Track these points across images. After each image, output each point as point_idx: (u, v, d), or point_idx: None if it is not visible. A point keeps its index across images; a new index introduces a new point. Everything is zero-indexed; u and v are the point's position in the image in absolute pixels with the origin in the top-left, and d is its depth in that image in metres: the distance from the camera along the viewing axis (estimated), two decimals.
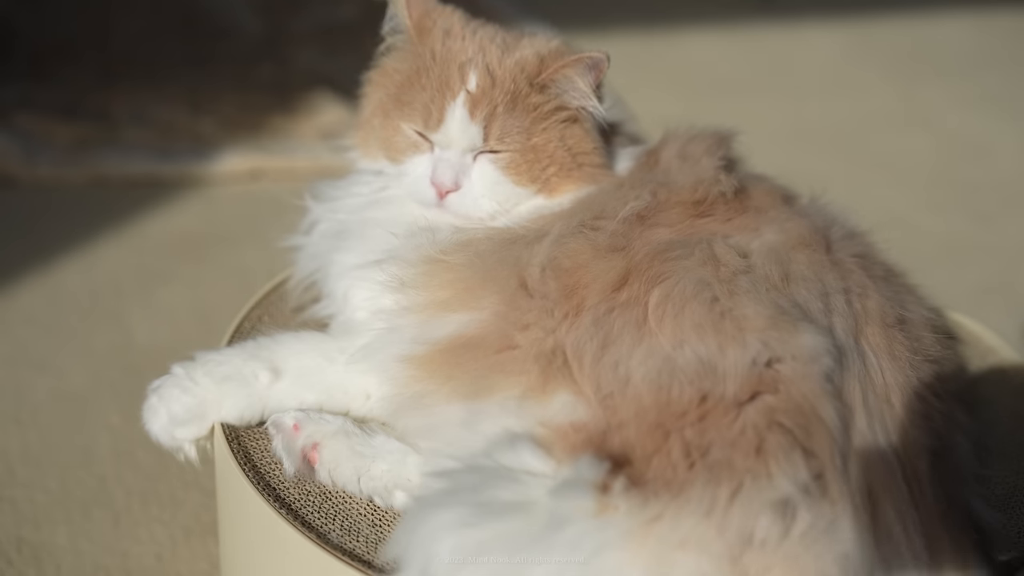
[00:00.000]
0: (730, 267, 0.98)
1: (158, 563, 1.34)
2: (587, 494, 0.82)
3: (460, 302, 1.00)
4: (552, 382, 0.93)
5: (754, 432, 0.85)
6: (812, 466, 0.84)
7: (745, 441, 0.85)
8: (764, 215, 1.07)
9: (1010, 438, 1.13)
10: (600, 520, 0.81)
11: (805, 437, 0.85)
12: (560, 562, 0.80)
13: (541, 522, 0.82)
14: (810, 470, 0.83)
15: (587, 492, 0.83)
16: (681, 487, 0.83)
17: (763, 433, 0.85)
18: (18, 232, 2.07)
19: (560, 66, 1.08)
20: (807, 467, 0.83)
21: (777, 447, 0.84)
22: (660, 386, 0.89)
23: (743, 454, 0.84)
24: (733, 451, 0.84)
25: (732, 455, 0.84)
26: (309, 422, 1.01)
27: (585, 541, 0.80)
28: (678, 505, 0.82)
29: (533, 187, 1.10)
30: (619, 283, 0.97)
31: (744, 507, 0.81)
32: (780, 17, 3.70)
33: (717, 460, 0.84)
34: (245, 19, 3.11)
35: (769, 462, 0.83)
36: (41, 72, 2.65)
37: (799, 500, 0.82)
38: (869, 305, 0.99)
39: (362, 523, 0.99)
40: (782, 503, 0.81)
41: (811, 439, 0.85)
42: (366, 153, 1.18)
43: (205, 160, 2.33)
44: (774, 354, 0.90)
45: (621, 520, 0.81)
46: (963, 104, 3.08)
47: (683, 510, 0.81)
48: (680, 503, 0.82)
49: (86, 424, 1.56)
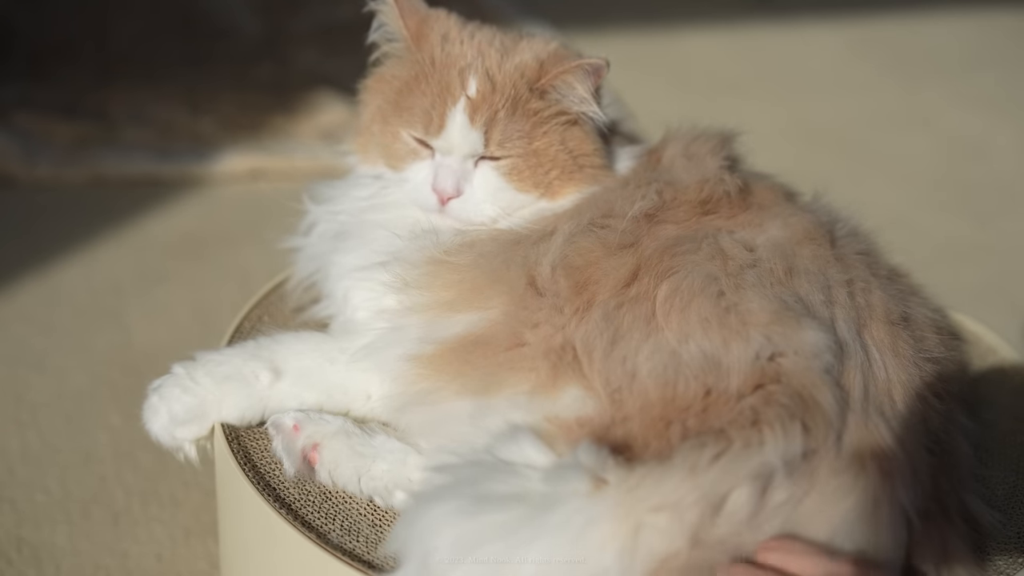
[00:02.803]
0: (737, 261, 0.98)
1: (158, 563, 1.34)
2: (582, 476, 0.83)
3: (467, 302, 1.00)
4: (562, 377, 0.93)
5: (751, 411, 0.86)
6: (807, 441, 0.84)
7: (742, 417, 0.86)
8: (768, 212, 1.08)
9: (1010, 438, 1.13)
10: (592, 498, 0.81)
11: (803, 413, 0.86)
12: (553, 542, 0.80)
13: (535, 506, 0.82)
14: (804, 444, 0.84)
15: (582, 475, 0.83)
16: (669, 455, 0.84)
17: (760, 409, 0.86)
18: (17, 232, 2.07)
19: (560, 72, 1.08)
20: (802, 441, 0.84)
21: (775, 417, 0.85)
22: (666, 381, 0.89)
23: (738, 426, 0.85)
24: (729, 425, 0.85)
25: (727, 428, 0.85)
26: (309, 422, 1.01)
27: (575, 518, 0.80)
28: (663, 469, 0.82)
29: (535, 192, 1.10)
30: (630, 279, 0.97)
31: (724, 470, 0.82)
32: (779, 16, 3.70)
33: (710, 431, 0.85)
34: (244, 19, 3.11)
35: (763, 430, 0.84)
36: (40, 72, 2.65)
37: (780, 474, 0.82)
38: (873, 301, 0.99)
39: (362, 523, 0.99)
40: (763, 474, 0.82)
41: (809, 416, 0.86)
42: (366, 159, 1.18)
43: (205, 160, 2.32)
44: (777, 349, 0.90)
45: (610, 493, 0.81)
46: (963, 104, 3.08)
47: (666, 473, 0.82)
48: (665, 467, 0.82)
49: (86, 424, 1.56)
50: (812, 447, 0.85)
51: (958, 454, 0.97)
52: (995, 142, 2.85)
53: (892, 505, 0.85)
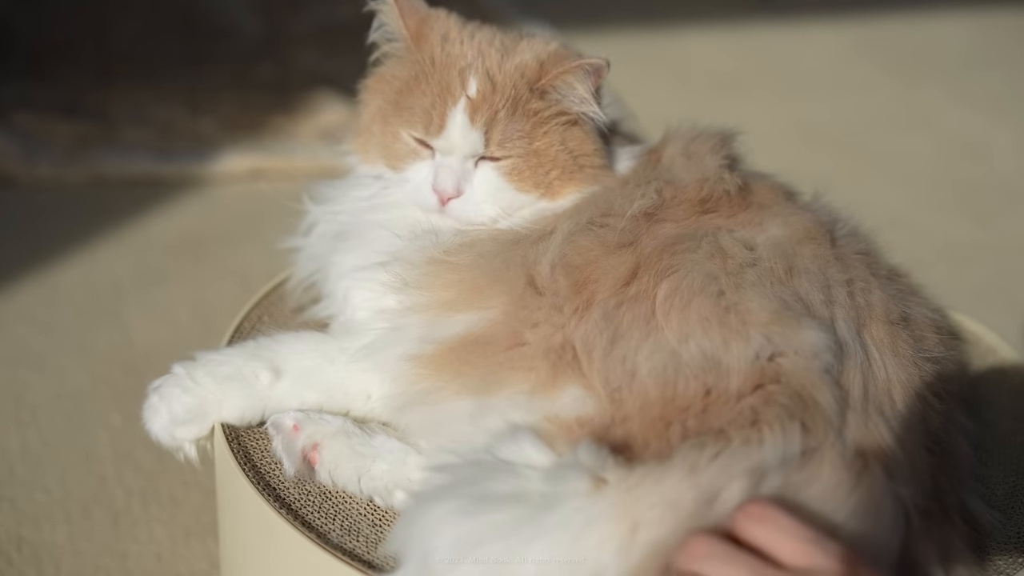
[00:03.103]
0: (737, 260, 0.98)
1: (158, 563, 1.34)
2: (582, 476, 0.82)
3: (467, 302, 1.00)
4: (561, 377, 0.93)
5: (751, 411, 0.86)
6: (806, 440, 0.84)
7: (742, 417, 0.86)
8: (767, 211, 1.08)
9: (1010, 438, 1.13)
10: (591, 497, 0.81)
11: (803, 413, 0.86)
12: (552, 542, 0.79)
13: (535, 506, 0.82)
14: (803, 443, 0.84)
15: (582, 474, 0.82)
16: (670, 455, 0.83)
17: (760, 409, 0.86)
18: (17, 232, 2.07)
19: (560, 72, 1.08)
20: (801, 440, 0.84)
21: (774, 417, 0.85)
22: (666, 381, 0.89)
23: (738, 426, 0.85)
24: (729, 425, 0.85)
25: (727, 427, 0.85)
26: (309, 422, 1.01)
27: (575, 517, 0.80)
28: (662, 469, 0.82)
29: (535, 192, 1.10)
30: (629, 277, 0.97)
31: (721, 467, 0.81)
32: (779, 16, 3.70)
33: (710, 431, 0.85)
34: (244, 19, 3.11)
35: (763, 429, 0.84)
36: (40, 71, 2.65)
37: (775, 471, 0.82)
38: (873, 300, 0.99)
39: (362, 523, 0.99)
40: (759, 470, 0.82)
41: (808, 416, 0.86)
42: (366, 159, 1.18)
43: (205, 160, 2.32)
44: (776, 349, 0.90)
45: (610, 492, 0.81)
46: (963, 104, 3.08)
47: (666, 472, 0.82)
48: (664, 467, 0.82)
49: (86, 424, 1.56)
50: (812, 446, 0.85)
51: (958, 454, 0.97)
52: (996, 142, 2.85)
53: (891, 503, 0.85)
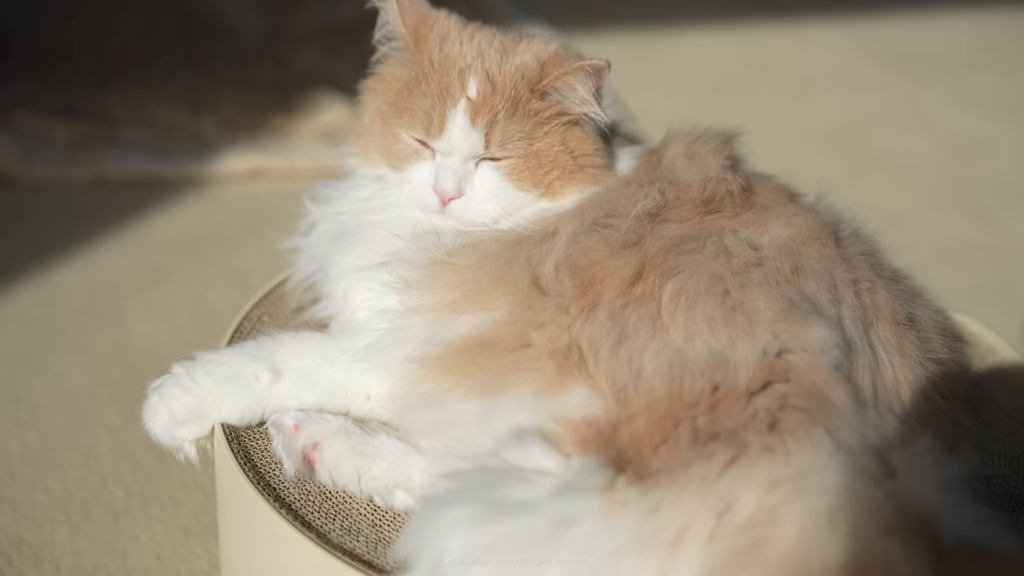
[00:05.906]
0: (742, 259, 0.98)
1: (158, 563, 1.34)
2: (591, 495, 0.83)
3: (470, 303, 1.00)
4: (568, 377, 0.93)
5: (767, 414, 0.86)
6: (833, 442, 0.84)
7: (757, 421, 0.85)
8: (771, 211, 1.08)
9: (1011, 438, 1.13)
10: (609, 519, 0.81)
11: (821, 415, 0.86)
12: (572, 562, 0.80)
13: (549, 522, 0.82)
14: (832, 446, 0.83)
15: (590, 493, 0.83)
16: (682, 467, 0.83)
17: (776, 414, 0.86)
18: (16, 232, 2.07)
19: (561, 73, 1.07)
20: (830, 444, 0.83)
21: (796, 424, 0.84)
22: (672, 378, 0.89)
23: (755, 432, 0.84)
24: (745, 430, 0.85)
25: (743, 433, 0.85)
26: (309, 422, 1.01)
27: (598, 542, 0.80)
28: (677, 489, 0.82)
29: (536, 192, 1.10)
30: (634, 278, 0.97)
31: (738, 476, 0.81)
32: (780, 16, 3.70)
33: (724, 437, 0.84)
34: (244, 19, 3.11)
35: (786, 439, 0.84)
36: (39, 72, 2.65)
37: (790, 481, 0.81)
38: (879, 301, 1.00)
39: (362, 523, 0.99)
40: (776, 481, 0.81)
41: (826, 417, 0.86)
42: (366, 161, 1.18)
43: (204, 160, 2.32)
44: (784, 345, 0.90)
45: (629, 518, 0.81)
46: (963, 104, 3.08)
47: (682, 493, 0.82)
48: (679, 486, 0.82)
49: (86, 424, 1.56)
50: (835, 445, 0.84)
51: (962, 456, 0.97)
52: (996, 142, 2.84)
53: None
